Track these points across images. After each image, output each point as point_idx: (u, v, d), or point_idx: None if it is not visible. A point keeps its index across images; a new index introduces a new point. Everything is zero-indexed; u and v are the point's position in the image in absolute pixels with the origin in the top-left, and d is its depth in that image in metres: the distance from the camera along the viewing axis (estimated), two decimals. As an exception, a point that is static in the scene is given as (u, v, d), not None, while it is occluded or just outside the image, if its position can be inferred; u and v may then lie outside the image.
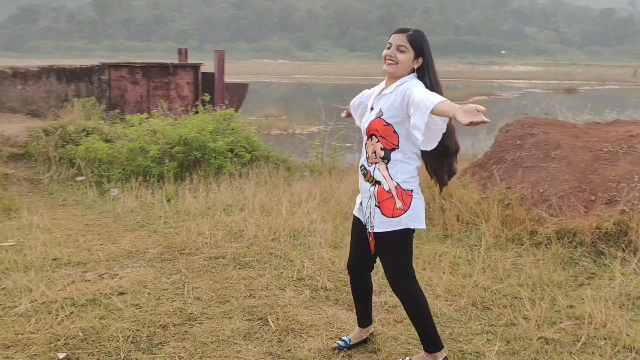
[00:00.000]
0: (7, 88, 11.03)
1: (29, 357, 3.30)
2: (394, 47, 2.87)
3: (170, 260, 4.93)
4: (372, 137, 2.92)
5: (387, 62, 2.89)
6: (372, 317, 3.50)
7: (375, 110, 2.95)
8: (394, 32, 2.92)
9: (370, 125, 2.92)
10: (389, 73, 2.92)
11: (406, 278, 3.06)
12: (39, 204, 7.28)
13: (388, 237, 2.96)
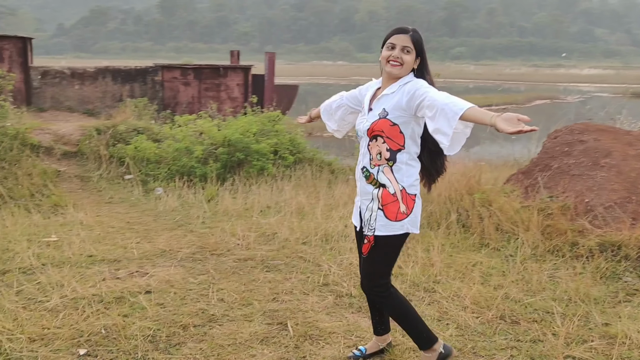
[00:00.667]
0: (65, 88, 11.47)
1: (51, 352, 3.38)
2: (399, 49, 2.81)
3: (200, 260, 4.99)
4: (377, 138, 2.84)
5: (391, 64, 2.82)
6: (389, 325, 3.42)
7: (377, 111, 2.86)
8: (395, 32, 2.85)
9: (374, 125, 2.83)
10: (393, 74, 2.85)
11: (386, 281, 3.03)
12: (87, 201, 7.52)
13: (386, 241, 2.92)
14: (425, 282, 4.51)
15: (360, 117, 3.00)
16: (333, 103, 3.27)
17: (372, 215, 2.91)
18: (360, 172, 2.96)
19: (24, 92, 11.09)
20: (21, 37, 11.12)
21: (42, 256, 5.00)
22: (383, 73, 2.92)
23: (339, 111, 3.25)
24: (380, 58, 2.91)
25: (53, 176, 8.09)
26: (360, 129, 2.94)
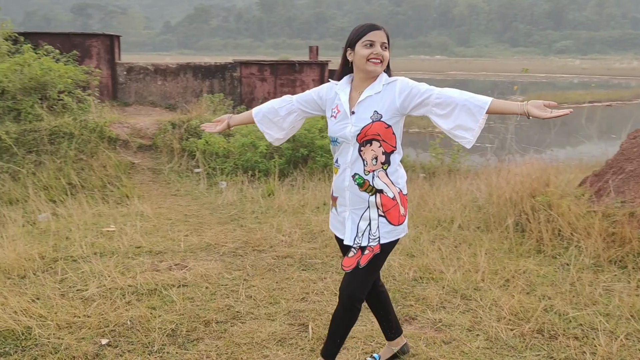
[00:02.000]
0: (149, 84, 11.95)
1: (76, 340, 3.50)
2: (380, 45, 2.64)
3: (241, 256, 5.01)
4: (372, 142, 2.66)
5: (373, 62, 2.64)
6: (399, 327, 3.25)
7: (366, 114, 2.66)
8: (369, 28, 2.65)
9: (367, 130, 2.63)
10: (375, 73, 2.67)
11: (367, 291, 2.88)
12: (154, 193, 7.78)
13: (388, 247, 2.78)
14: (465, 288, 4.28)
15: (338, 123, 2.72)
16: (280, 109, 2.94)
17: (373, 224, 2.74)
18: (351, 180, 2.71)
19: (110, 87, 11.67)
20: (109, 35, 11.69)
21: (94, 245, 5.21)
22: (357, 73, 2.71)
23: (290, 117, 2.96)
24: (353, 58, 2.68)
25: (127, 168, 8.44)
26: (343, 135, 2.69)
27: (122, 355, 3.34)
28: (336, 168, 2.80)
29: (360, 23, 2.72)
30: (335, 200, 2.84)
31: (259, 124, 3.01)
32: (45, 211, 6.59)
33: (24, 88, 8.65)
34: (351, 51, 2.68)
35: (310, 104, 2.90)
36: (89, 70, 10.45)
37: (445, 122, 2.66)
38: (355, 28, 2.71)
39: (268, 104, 2.98)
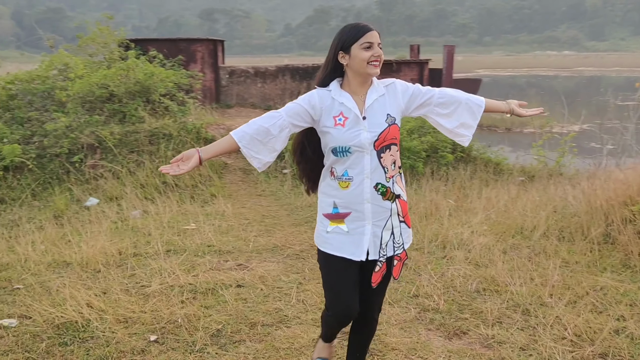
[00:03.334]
0: (249, 86, 12.30)
1: (128, 335, 3.66)
2: (377, 46, 2.49)
3: (303, 259, 5.01)
4: (391, 147, 2.55)
5: (373, 64, 2.49)
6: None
7: (380, 118, 2.52)
8: (365, 29, 2.48)
9: (385, 135, 2.50)
10: (374, 75, 2.53)
11: None
12: (241, 193, 7.99)
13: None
14: (529, 303, 4.00)
15: (349, 130, 2.49)
16: (272, 128, 2.49)
17: (396, 232, 2.63)
18: (373, 191, 2.53)
19: (213, 90, 12.14)
20: (212, 40, 12.17)
21: (169, 243, 5.44)
22: (354, 76, 2.54)
23: (282, 134, 2.51)
24: (348, 61, 2.51)
25: (219, 168, 8.74)
26: (358, 143, 2.48)
27: (165, 352, 3.45)
28: (346, 181, 2.54)
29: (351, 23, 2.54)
30: (343, 218, 2.57)
31: (246, 149, 2.48)
32: (138, 208, 6.98)
33: (129, 92, 9.21)
34: (344, 54, 2.50)
35: (301, 115, 2.52)
36: (193, 74, 10.94)
37: (448, 121, 2.70)
38: (346, 29, 2.52)
39: (253, 125, 2.49)
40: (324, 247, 2.63)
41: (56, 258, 5.08)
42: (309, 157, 2.73)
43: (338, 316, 2.69)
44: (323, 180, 2.65)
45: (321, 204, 2.64)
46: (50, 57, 10.29)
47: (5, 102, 9.51)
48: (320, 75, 2.62)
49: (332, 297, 2.69)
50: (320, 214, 2.65)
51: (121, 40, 11.11)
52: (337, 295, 2.65)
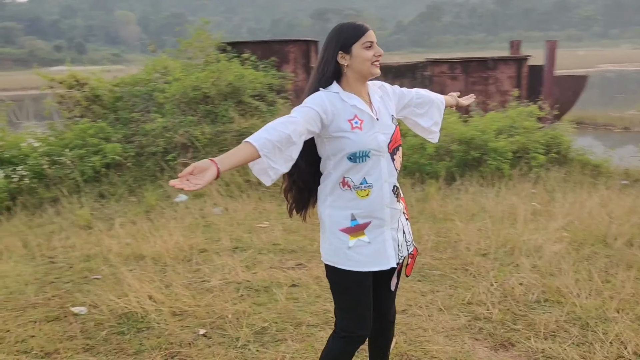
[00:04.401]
0: (342, 85, 12.37)
1: (180, 327, 3.85)
2: (377, 45, 2.43)
3: (363, 260, 4.98)
4: (399, 148, 2.52)
5: (375, 64, 2.43)
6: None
7: (388, 120, 2.47)
8: (365, 28, 2.40)
9: (395, 136, 2.47)
10: (376, 75, 2.46)
11: None
12: (322, 192, 8.06)
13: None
14: (591, 317, 3.75)
15: (367, 133, 2.38)
16: (293, 135, 2.20)
17: (406, 230, 2.61)
18: (392, 195, 2.46)
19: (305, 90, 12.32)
20: (305, 41, 12.32)
21: (238, 240, 5.62)
22: (355, 77, 2.44)
23: (301, 141, 2.26)
24: (349, 62, 2.40)
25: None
26: (377, 146, 2.40)
27: (210, 346, 3.59)
28: (366, 189, 2.40)
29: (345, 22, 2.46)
30: (363, 229, 2.43)
31: (266, 157, 2.15)
32: (220, 206, 7.26)
33: (221, 93, 9.59)
34: (344, 54, 2.38)
35: (315, 121, 2.30)
36: (284, 75, 11.18)
37: (425, 120, 2.77)
38: (344, 29, 2.41)
39: (273, 131, 2.17)
40: (346, 265, 2.43)
41: (135, 251, 5.41)
42: (302, 169, 2.49)
43: (361, 338, 2.55)
44: (330, 194, 2.44)
45: (333, 219, 2.44)
46: (153, 61, 10.92)
47: (112, 103, 10.21)
48: (317, 78, 2.44)
49: (356, 317, 2.52)
50: (334, 230, 2.44)
51: (218, 44, 11.57)
52: (362, 316, 2.52)
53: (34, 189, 8.39)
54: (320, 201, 2.51)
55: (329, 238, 2.46)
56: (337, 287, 2.52)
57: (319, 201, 2.52)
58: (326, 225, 2.47)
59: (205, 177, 1.99)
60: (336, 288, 2.52)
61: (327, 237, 2.47)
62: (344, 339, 2.53)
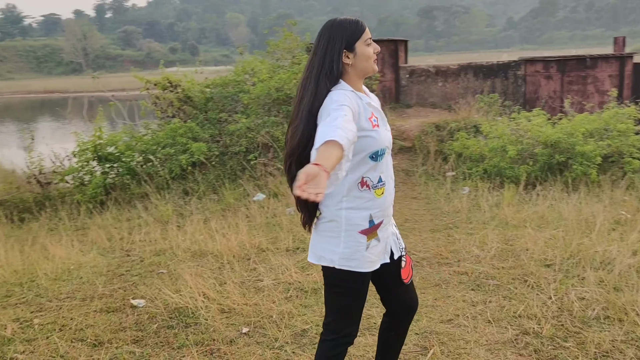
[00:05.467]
0: (430, 85, 12.15)
1: (225, 324, 3.96)
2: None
3: (420, 266, 4.88)
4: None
5: (375, 61, 2.43)
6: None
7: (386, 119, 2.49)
8: (364, 26, 2.39)
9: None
10: (376, 72, 2.46)
11: None
12: (397, 195, 7.96)
13: None
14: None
15: (384, 130, 2.41)
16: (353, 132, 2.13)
17: (396, 231, 2.65)
18: (393, 191, 2.50)
19: (393, 90, 12.22)
20: (393, 40, 12.23)
21: (300, 241, 5.68)
22: (356, 75, 2.40)
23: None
24: (353, 60, 2.36)
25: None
26: (389, 142, 2.45)
27: (249, 345, 3.66)
28: (381, 188, 2.41)
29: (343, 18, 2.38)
30: (377, 228, 2.42)
31: (345, 157, 2.16)
32: (293, 206, 7.37)
33: (306, 94, 9.72)
34: (348, 53, 2.34)
35: (354, 118, 2.26)
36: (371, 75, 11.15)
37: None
38: (345, 26, 2.35)
39: (347, 130, 2.06)
40: (363, 267, 2.40)
41: (201, 248, 5.61)
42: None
43: (353, 339, 2.55)
44: (346, 196, 2.37)
45: (351, 222, 2.37)
46: (243, 63, 11.26)
47: (203, 104, 10.64)
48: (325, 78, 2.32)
49: (352, 319, 2.52)
50: (351, 233, 2.37)
51: (306, 45, 11.72)
52: (358, 316, 2.54)
53: (127, 185, 8.93)
54: (330, 204, 2.38)
55: (345, 241, 2.38)
56: (341, 290, 2.47)
57: (329, 204, 2.39)
58: (341, 228, 2.38)
59: (322, 183, 1.87)
60: (339, 291, 2.47)
61: (342, 241, 2.38)
62: (334, 341, 2.52)
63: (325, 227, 2.40)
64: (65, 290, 4.79)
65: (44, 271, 5.23)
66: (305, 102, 2.32)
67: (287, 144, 2.36)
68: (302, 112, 2.32)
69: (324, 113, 2.24)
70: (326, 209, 2.39)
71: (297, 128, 2.31)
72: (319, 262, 2.44)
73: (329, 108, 2.22)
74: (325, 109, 2.25)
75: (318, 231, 2.44)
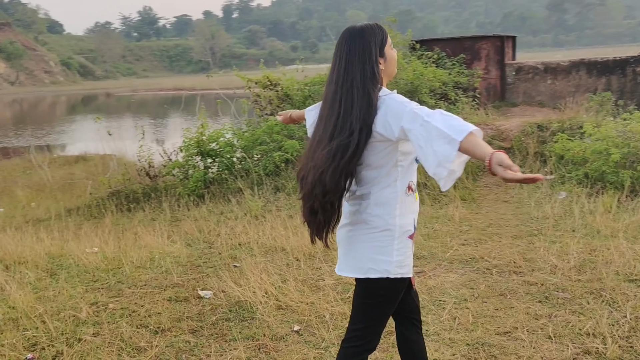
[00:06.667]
0: (537, 83, 11.52)
1: (279, 321, 4.02)
2: None
3: (490, 274, 4.66)
4: None
5: None
6: None
7: None
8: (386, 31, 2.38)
9: None
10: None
11: None
12: (489, 197, 7.67)
13: None
14: None
15: None
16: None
17: None
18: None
19: (498, 88, 11.70)
20: (499, 36, 11.70)
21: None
22: (386, 80, 2.41)
23: None
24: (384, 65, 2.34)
25: (477, 170, 8.48)
26: None
27: (297, 343, 3.70)
28: (416, 191, 2.42)
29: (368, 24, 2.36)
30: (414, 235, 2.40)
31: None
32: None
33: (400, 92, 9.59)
34: (381, 59, 2.31)
35: None
36: (473, 72, 10.79)
37: None
38: (375, 31, 2.32)
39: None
40: (410, 273, 2.39)
41: (276, 244, 5.73)
42: (340, 188, 2.29)
43: (374, 346, 2.51)
44: (399, 203, 2.32)
45: (403, 228, 2.32)
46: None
47: (301, 102, 10.83)
48: (373, 86, 2.26)
49: (380, 329, 2.50)
50: (403, 239, 2.33)
51: (408, 42, 11.58)
52: (384, 326, 2.52)
53: (225, 180, 9.30)
54: (383, 213, 2.31)
55: (398, 249, 2.33)
56: (383, 300, 2.41)
57: (381, 214, 2.31)
58: (394, 236, 2.32)
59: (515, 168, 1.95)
60: (381, 300, 2.41)
61: (395, 249, 2.32)
62: (360, 347, 2.46)
63: (376, 237, 2.32)
64: (144, 278, 5.08)
65: (130, 259, 5.58)
66: (356, 112, 2.23)
67: (332, 158, 2.23)
68: (352, 123, 2.22)
69: (405, 115, 2.14)
70: (377, 218, 2.31)
71: (349, 140, 2.21)
72: (366, 276, 2.35)
73: (410, 108, 2.15)
74: (400, 111, 2.16)
75: (362, 242, 2.35)
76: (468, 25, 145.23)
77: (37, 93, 75.41)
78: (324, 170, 2.23)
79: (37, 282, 5.04)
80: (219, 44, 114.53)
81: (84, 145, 21.50)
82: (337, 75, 2.32)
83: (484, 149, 1.99)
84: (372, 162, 2.30)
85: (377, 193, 2.32)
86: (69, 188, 13.15)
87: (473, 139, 2.00)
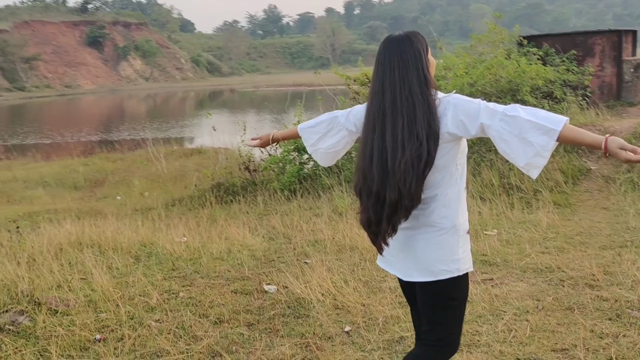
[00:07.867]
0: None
1: (333, 320, 4.05)
2: None
3: (561, 286, 4.38)
4: None
5: None
6: None
7: None
8: None
9: None
10: None
11: None
12: (587, 203, 7.21)
13: None
14: None
15: None
16: None
17: None
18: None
19: (614, 86, 10.86)
20: (616, 31, 10.87)
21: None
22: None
23: None
24: (432, 68, 2.39)
25: (577, 174, 7.97)
26: None
27: (344, 344, 3.71)
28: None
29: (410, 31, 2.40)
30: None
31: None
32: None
33: (501, 91, 9.21)
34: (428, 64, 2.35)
35: None
36: (584, 70, 10.14)
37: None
38: (420, 38, 2.36)
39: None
40: (472, 267, 2.46)
41: (349, 243, 5.75)
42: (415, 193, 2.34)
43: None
44: (459, 201, 2.38)
45: (464, 226, 2.38)
46: (443, 58, 11.07)
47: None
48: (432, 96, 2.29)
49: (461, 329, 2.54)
50: (464, 235, 2.38)
51: (516, 38, 11.09)
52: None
53: (318, 176, 9.44)
54: (449, 214, 2.34)
55: (462, 245, 2.38)
56: (459, 300, 2.45)
57: (448, 215, 2.34)
58: (459, 234, 2.36)
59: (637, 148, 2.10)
60: (457, 302, 2.44)
61: (460, 246, 2.37)
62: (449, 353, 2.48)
63: (445, 239, 2.34)
64: (219, 269, 5.29)
65: (210, 250, 5.83)
66: (420, 119, 2.24)
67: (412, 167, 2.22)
68: (419, 131, 2.23)
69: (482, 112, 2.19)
70: (445, 219, 2.33)
71: (421, 149, 2.22)
72: (437, 278, 2.35)
73: (484, 105, 2.20)
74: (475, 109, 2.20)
75: (429, 245, 2.36)
76: (603, 18, 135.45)
77: (169, 88, 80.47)
78: (410, 182, 2.23)
79: (123, 268, 5.40)
80: (339, 40, 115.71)
81: (202, 139, 22.70)
82: (391, 83, 2.29)
83: (592, 135, 2.13)
84: (438, 164, 2.30)
85: (443, 194, 2.34)
86: (179, 179, 13.97)
87: (572, 128, 2.11)
